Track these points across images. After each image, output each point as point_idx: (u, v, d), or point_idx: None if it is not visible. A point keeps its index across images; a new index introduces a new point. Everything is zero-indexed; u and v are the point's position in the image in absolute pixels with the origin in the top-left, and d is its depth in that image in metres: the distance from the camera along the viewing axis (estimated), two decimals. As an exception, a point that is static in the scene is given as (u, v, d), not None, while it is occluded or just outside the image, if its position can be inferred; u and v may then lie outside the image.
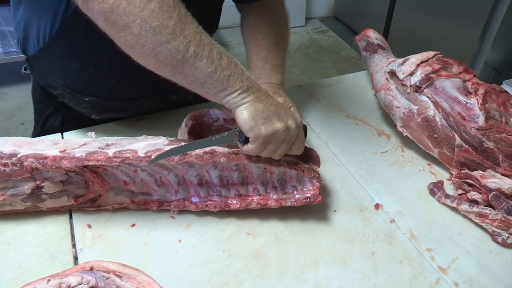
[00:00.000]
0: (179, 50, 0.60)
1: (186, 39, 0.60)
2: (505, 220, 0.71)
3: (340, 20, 3.56)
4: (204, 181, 0.74)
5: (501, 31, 2.06)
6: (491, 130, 0.76)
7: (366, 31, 1.14)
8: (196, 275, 0.66)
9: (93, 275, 0.53)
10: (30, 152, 0.67)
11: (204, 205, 0.73)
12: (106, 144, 0.71)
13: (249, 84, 0.65)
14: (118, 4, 0.57)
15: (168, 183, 0.73)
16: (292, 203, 0.73)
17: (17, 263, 0.66)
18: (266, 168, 0.72)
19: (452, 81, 0.82)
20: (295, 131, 0.67)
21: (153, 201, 0.74)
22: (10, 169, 0.67)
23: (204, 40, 0.62)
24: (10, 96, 2.53)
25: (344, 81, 1.16)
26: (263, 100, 0.66)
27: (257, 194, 0.74)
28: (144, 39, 0.59)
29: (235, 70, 0.64)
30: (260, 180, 0.74)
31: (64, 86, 0.92)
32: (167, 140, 0.71)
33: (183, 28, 0.60)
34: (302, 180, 0.73)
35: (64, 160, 0.67)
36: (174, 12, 0.59)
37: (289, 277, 0.66)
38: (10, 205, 0.70)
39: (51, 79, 0.94)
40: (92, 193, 0.72)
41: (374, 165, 0.88)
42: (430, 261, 0.69)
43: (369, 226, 0.75)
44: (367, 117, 1.02)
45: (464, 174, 0.79)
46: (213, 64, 0.62)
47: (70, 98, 0.94)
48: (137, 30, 0.58)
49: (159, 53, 0.60)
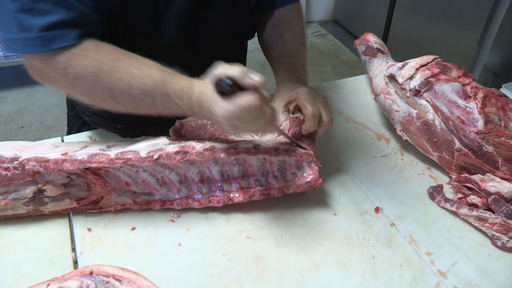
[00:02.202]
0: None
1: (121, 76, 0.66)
2: (505, 224, 0.71)
3: (340, 24, 3.57)
4: (205, 178, 0.75)
5: (500, 35, 2.06)
6: (490, 134, 0.77)
7: (366, 35, 1.15)
8: (196, 278, 0.66)
9: (93, 279, 0.53)
10: (32, 156, 0.68)
11: (208, 201, 0.74)
12: (107, 146, 0.71)
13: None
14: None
15: (170, 182, 0.74)
16: (294, 189, 0.74)
17: (16, 267, 0.66)
18: (265, 158, 0.73)
19: (451, 85, 0.82)
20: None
21: (155, 200, 0.75)
22: (12, 173, 0.67)
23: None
24: (9, 100, 2.53)
25: (343, 85, 1.17)
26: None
27: (258, 185, 0.75)
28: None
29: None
30: (260, 171, 0.75)
31: (94, 114, 0.94)
32: (168, 139, 0.71)
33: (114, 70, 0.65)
34: (301, 166, 0.75)
35: (66, 163, 0.67)
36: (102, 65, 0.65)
37: (289, 281, 0.66)
38: (12, 209, 0.70)
39: (83, 107, 0.96)
40: (94, 195, 0.72)
41: (373, 169, 0.88)
42: (430, 265, 0.69)
43: (369, 229, 0.75)
44: (367, 121, 1.02)
45: (464, 178, 0.79)
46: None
47: (102, 125, 0.96)
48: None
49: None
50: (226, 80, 0.59)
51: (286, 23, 0.97)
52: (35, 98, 2.55)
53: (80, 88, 0.67)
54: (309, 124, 0.73)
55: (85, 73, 0.64)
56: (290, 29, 0.96)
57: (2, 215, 0.71)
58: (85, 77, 0.65)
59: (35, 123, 2.36)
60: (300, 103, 0.75)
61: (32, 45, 0.63)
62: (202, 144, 0.71)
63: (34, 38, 0.62)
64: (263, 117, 0.62)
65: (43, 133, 2.30)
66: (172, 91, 0.65)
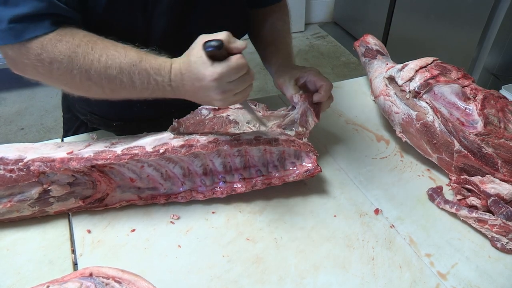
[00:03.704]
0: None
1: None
2: (504, 225, 0.71)
3: (340, 25, 3.57)
4: (208, 170, 0.76)
5: (500, 37, 2.06)
6: (489, 136, 0.77)
7: (365, 37, 1.15)
8: (195, 280, 0.66)
9: (92, 281, 0.53)
10: (37, 156, 0.68)
11: (211, 193, 0.76)
12: (111, 143, 0.72)
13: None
14: None
15: (174, 175, 0.75)
16: (294, 178, 0.77)
17: (16, 269, 0.66)
18: (266, 149, 0.75)
19: (451, 86, 0.82)
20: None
21: (160, 195, 0.75)
22: (17, 175, 0.67)
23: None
24: (9, 102, 2.53)
25: (343, 87, 1.17)
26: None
27: (260, 175, 0.77)
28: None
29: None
30: (261, 161, 0.77)
31: (90, 112, 0.94)
32: (172, 134, 0.73)
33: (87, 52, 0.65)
34: (300, 156, 0.77)
35: (72, 162, 0.67)
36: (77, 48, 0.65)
37: (288, 282, 0.66)
38: (17, 211, 0.70)
39: (79, 106, 0.96)
40: (100, 192, 0.73)
41: (373, 171, 0.88)
42: (429, 266, 0.69)
43: (368, 231, 0.75)
44: (366, 123, 1.02)
45: (463, 179, 0.79)
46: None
47: (99, 123, 0.96)
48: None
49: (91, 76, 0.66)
50: (216, 40, 0.61)
51: (275, 14, 1.00)
52: (35, 100, 2.55)
53: (56, 73, 0.66)
54: (324, 94, 0.82)
55: (61, 56, 0.64)
56: (281, 19, 1.00)
57: (7, 218, 0.71)
58: (60, 61, 0.64)
59: (35, 125, 2.36)
60: (315, 79, 0.84)
61: (3, 37, 0.63)
62: (206, 137, 0.72)
63: (5, 29, 0.62)
64: (249, 77, 0.66)
65: (43, 134, 2.30)
66: (150, 67, 0.66)
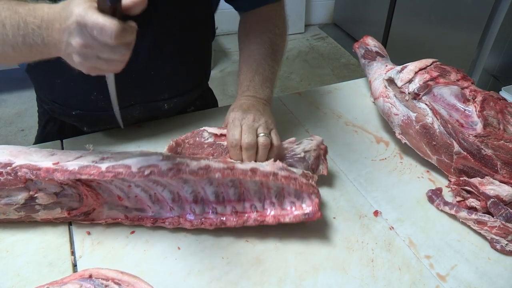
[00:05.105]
0: None
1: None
2: (504, 227, 0.71)
3: (339, 27, 3.58)
4: (199, 198, 0.72)
5: (499, 38, 2.07)
6: (489, 137, 0.77)
7: (365, 38, 1.15)
8: (195, 282, 0.66)
9: (92, 282, 0.53)
10: (25, 163, 0.67)
11: (200, 223, 0.71)
12: (101, 158, 0.70)
13: None
14: None
15: (163, 199, 0.72)
16: (290, 219, 0.71)
17: (15, 270, 0.66)
18: (263, 183, 0.70)
19: (450, 88, 0.82)
20: None
21: (147, 217, 0.73)
22: (5, 179, 0.67)
23: None
24: (9, 103, 2.54)
25: (342, 88, 1.17)
26: None
27: (254, 210, 0.72)
28: None
29: None
30: (257, 196, 0.72)
31: (52, 101, 0.93)
32: (161, 156, 0.69)
33: None
34: (301, 196, 0.71)
35: (57, 173, 0.66)
36: None
37: (288, 284, 0.66)
38: (4, 214, 0.70)
39: (42, 94, 0.94)
40: (86, 206, 0.71)
41: (372, 172, 0.88)
42: (429, 268, 0.69)
43: (368, 233, 0.75)
44: (366, 124, 1.02)
45: (463, 181, 0.79)
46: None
47: (60, 112, 0.94)
48: None
49: None
50: None
51: (252, 33, 0.92)
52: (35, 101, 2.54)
53: None
54: (232, 153, 0.74)
55: None
56: (257, 40, 0.90)
57: None
58: None
59: (35, 126, 2.34)
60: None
61: None
62: (197, 162, 0.68)
63: None
64: (120, 51, 0.52)
65: (43, 136, 2.30)
66: (26, 9, 0.59)
